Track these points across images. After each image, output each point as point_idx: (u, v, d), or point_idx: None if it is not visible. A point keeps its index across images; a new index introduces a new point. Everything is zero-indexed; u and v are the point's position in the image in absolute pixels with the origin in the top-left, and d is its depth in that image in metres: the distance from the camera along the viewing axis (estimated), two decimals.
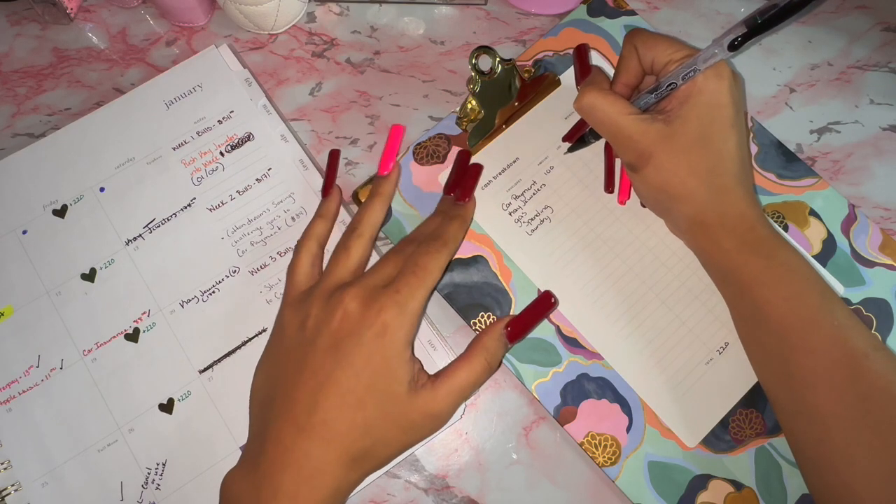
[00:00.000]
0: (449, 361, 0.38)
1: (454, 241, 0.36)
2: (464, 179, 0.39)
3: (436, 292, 0.39)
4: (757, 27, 0.31)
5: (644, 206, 0.39)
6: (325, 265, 0.37)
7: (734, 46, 0.32)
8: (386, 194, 0.38)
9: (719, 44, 0.32)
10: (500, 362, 0.35)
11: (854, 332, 0.32)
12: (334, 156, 0.40)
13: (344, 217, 0.41)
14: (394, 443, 0.33)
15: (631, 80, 0.37)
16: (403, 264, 0.34)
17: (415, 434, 0.33)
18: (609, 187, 0.40)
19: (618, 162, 0.40)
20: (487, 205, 0.41)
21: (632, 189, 0.40)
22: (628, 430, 0.37)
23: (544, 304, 0.36)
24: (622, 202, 0.40)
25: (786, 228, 0.40)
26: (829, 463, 0.32)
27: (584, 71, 0.38)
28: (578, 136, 0.40)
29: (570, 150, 0.41)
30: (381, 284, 0.33)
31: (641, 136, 0.34)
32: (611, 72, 0.42)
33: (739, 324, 0.36)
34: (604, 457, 0.36)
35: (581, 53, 0.39)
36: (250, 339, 0.39)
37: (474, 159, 0.41)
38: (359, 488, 0.36)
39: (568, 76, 0.43)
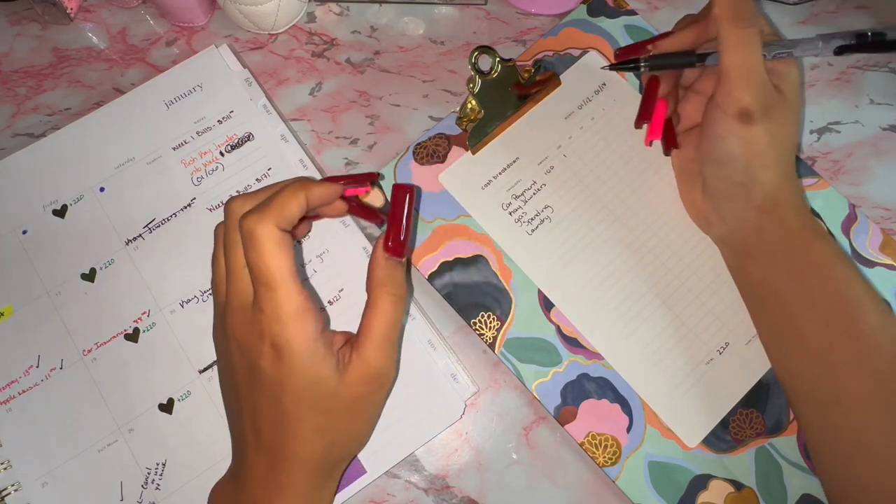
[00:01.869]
0: (448, 361, 0.38)
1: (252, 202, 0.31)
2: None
3: (436, 292, 0.39)
4: (866, 44, 0.32)
5: (667, 150, 0.39)
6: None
7: (839, 52, 0.33)
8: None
9: (824, 41, 0.33)
10: (405, 285, 0.32)
11: (893, 322, 0.32)
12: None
13: (347, 220, 0.41)
14: (353, 429, 0.33)
15: (697, 39, 0.36)
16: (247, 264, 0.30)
17: (367, 406, 0.33)
18: (643, 119, 0.37)
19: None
20: (487, 205, 0.40)
21: (663, 136, 0.38)
22: (629, 430, 0.37)
23: (400, 196, 0.32)
24: (649, 142, 0.40)
25: None
26: (860, 455, 0.31)
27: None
28: (636, 57, 0.37)
29: (612, 67, 0.38)
30: (247, 300, 0.30)
31: (771, 89, 0.33)
32: (618, 82, 0.42)
33: (777, 313, 0.35)
34: (604, 457, 0.36)
35: None
36: None
37: (474, 159, 0.41)
38: (358, 488, 0.36)
39: (568, 76, 0.43)
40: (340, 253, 0.40)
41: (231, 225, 0.30)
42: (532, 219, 0.40)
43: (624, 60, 0.38)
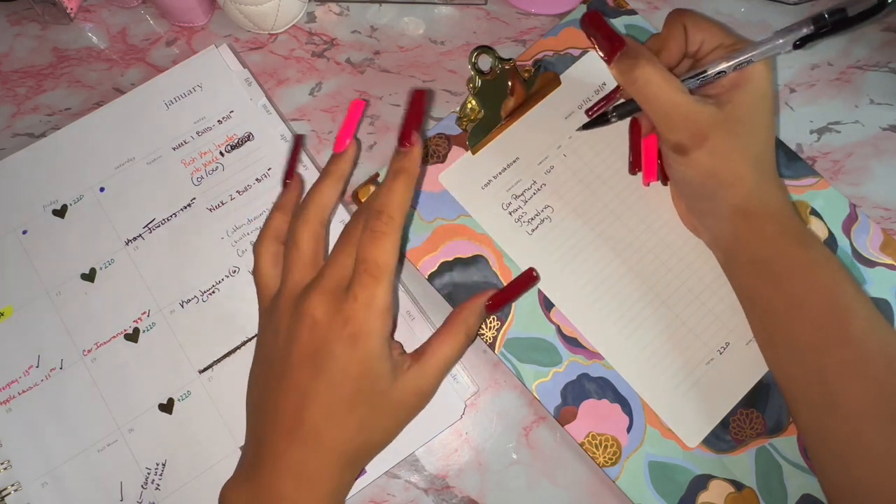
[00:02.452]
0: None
1: (400, 209, 0.31)
2: (406, 118, 0.33)
3: (436, 292, 0.39)
4: (826, 29, 0.30)
5: (665, 181, 0.39)
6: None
7: (798, 45, 0.32)
8: (337, 174, 0.35)
9: (782, 38, 0.32)
10: (477, 333, 0.36)
11: (884, 325, 0.32)
12: (298, 140, 0.38)
13: (343, 216, 0.41)
14: (389, 429, 0.33)
15: (672, 60, 0.36)
16: (357, 255, 0.31)
17: (406, 415, 0.33)
18: (636, 167, 0.39)
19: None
20: (487, 205, 0.40)
21: (657, 172, 0.39)
22: (629, 430, 0.37)
23: (526, 279, 0.36)
24: (647, 183, 0.40)
25: None
26: (859, 458, 0.31)
27: (616, 40, 0.34)
28: (602, 112, 0.38)
29: (587, 126, 0.40)
30: (343, 285, 0.31)
31: (697, 115, 0.33)
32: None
33: (768, 319, 0.35)
34: (604, 457, 0.36)
35: (598, 21, 0.35)
36: (250, 339, 0.39)
37: (474, 159, 0.41)
38: (358, 488, 0.36)
39: (568, 76, 0.43)
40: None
41: (364, 216, 0.32)
42: (532, 219, 0.40)
43: (595, 118, 0.39)
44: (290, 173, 0.37)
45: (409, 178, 0.32)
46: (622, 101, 0.38)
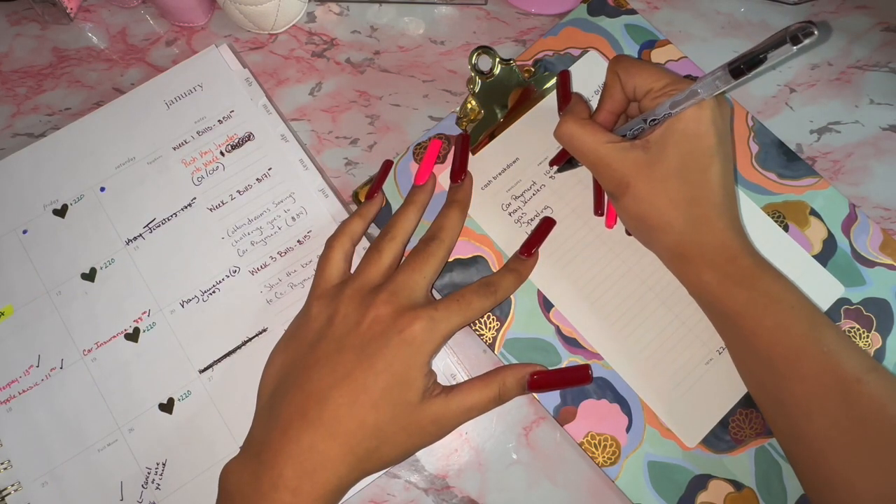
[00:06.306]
0: (448, 361, 0.38)
1: (504, 292, 0.37)
2: (533, 236, 0.39)
3: (436, 292, 0.39)
4: (741, 76, 0.29)
5: (629, 234, 0.39)
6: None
7: (717, 88, 0.31)
8: (420, 203, 0.39)
9: (703, 85, 0.31)
10: (510, 400, 0.36)
11: (846, 356, 0.31)
12: (387, 165, 0.41)
13: (341, 217, 0.41)
14: (399, 446, 0.33)
15: (616, 106, 0.37)
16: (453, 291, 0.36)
17: (420, 440, 0.34)
18: (598, 210, 0.40)
19: None
20: (487, 205, 0.41)
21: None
22: (628, 430, 0.37)
23: (579, 375, 0.35)
24: (610, 226, 0.40)
25: (786, 228, 0.40)
26: (827, 486, 0.32)
27: (566, 98, 0.38)
28: (566, 160, 0.40)
29: (560, 170, 0.41)
30: (412, 297, 0.34)
31: (619, 164, 0.34)
32: None
33: (731, 350, 0.35)
34: (604, 457, 0.36)
35: (563, 80, 0.39)
36: (250, 339, 0.39)
37: (474, 159, 0.41)
38: (358, 488, 0.36)
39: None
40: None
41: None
42: (532, 219, 0.40)
43: (563, 162, 0.40)
44: (375, 191, 0.40)
45: (462, 207, 0.38)
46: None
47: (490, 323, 0.38)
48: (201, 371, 0.38)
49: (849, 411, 0.30)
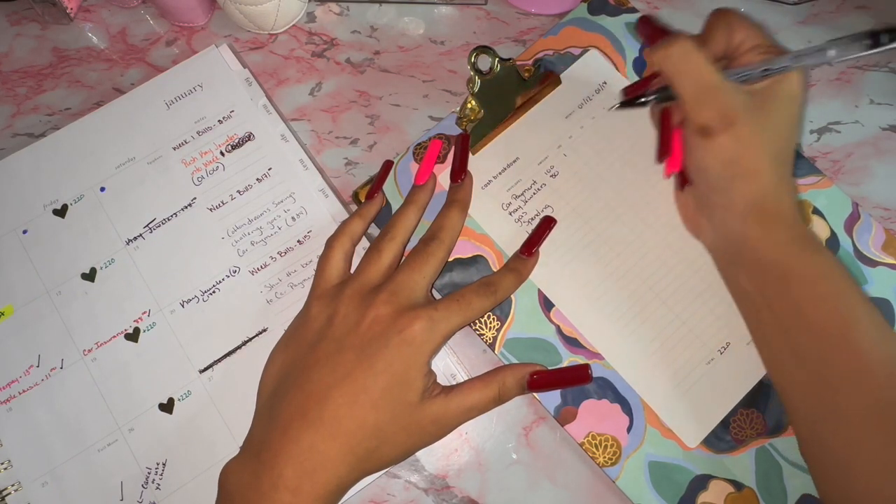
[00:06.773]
0: (448, 361, 0.38)
1: (504, 292, 0.37)
2: (534, 236, 0.39)
3: (436, 292, 0.39)
4: (877, 47, 0.30)
5: (683, 181, 0.38)
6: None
7: (850, 53, 0.32)
8: (420, 203, 0.39)
9: (834, 48, 0.32)
10: (510, 399, 0.36)
11: (889, 334, 0.32)
12: (387, 165, 0.41)
13: (341, 217, 0.41)
14: (399, 446, 0.33)
15: (717, 53, 0.36)
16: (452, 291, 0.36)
17: (420, 440, 0.34)
18: (664, 153, 0.37)
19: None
20: (487, 205, 0.40)
21: (675, 166, 0.38)
22: (629, 430, 0.37)
23: (579, 374, 0.35)
24: (668, 174, 0.39)
25: None
26: (859, 466, 0.31)
27: (659, 33, 0.35)
28: (641, 93, 0.37)
29: (622, 106, 0.38)
30: (411, 297, 0.34)
31: (731, 98, 0.33)
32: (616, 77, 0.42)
33: (768, 323, 0.35)
34: (604, 457, 0.36)
35: (647, 22, 0.36)
36: (250, 339, 0.39)
37: (474, 159, 0.41)
38: (358, 488, 0.36)
39: (568, 76, 0.43)
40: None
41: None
42: (532, 219, 0.40)
43: (632, 97, 0.38)
44: (375, 191, 0.40)
45: (462, 207, 0.38)
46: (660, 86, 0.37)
47: (490, 323, 0.38)
48: (201, 371, 0.38)
49: (894, 388, 0.30)
